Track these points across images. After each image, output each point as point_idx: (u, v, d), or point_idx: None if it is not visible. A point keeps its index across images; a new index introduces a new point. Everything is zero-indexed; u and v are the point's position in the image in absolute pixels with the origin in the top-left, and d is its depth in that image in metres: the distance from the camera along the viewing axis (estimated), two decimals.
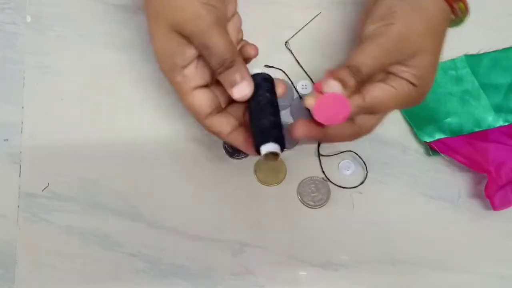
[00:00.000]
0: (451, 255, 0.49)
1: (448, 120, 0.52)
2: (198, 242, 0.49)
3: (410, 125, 0.52)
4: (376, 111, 0.42)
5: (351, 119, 0.42)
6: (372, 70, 0.40)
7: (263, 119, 0.41)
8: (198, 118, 0.42)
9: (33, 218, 0.49)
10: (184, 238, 0.49)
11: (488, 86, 0.52)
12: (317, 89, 0.40)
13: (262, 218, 0.50)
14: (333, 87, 0.39)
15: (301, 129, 0.41)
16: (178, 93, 0.42)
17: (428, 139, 0.51)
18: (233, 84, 0.40)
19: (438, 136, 0.51)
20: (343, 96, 0.39)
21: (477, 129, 0.51)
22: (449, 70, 0.53)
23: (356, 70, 0.39)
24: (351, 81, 0.39)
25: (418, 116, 0.52)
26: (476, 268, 0.49)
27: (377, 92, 0.41)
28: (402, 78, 0.41)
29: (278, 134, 0.41)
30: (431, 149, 0.50)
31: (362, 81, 0.40)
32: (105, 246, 0.49)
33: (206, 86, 0.42)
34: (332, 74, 0.39)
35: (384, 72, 0.42)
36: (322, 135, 0.42)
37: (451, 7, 0.43)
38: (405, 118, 0.52)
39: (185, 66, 0.41)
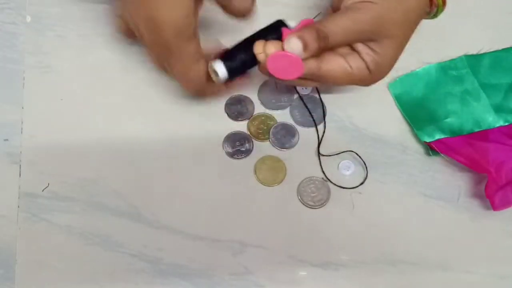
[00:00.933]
0: (451, 255, 0.49)
1: (448, 120, 0.52)
2: (198, 242, 0.49)
3: (410, 125, 0.52)
4: (324, 82, 0.43)
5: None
6: (340, 42, 0.41)
7: (238, 50, 0.44)
8: (202, 84, 0.44)
9: (33, 218, 0.49)
10: (184, 238, 0.49)
11: (488, 86, 0.52)
12: (283, 36, 0.42)
13: (262, 218, 0.50)
14: (294, 47, 0.40)
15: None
16: (181, 68, 0.42)
17: (428, 139, 0.51)
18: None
19: (438, 136, 0.51)
20: (299, 58, 0.40)
21: (477, 129, 0.51)
22: (449, 70, 0.53)
23: (324, 36, 0.40)
24: (314, 46, 0.40)
25: (418, 116, 0.52)
26: (476, 268, 0.49)
27: (334, 66, 0.42)
28: (363, 60, 0.42)
29: (234, 65, 0.43)
30: (431, 149, 0.51)
31: (325, 49, 0.41)
32: (105, 246, 0.49)
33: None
34: (300, 31, 0.40)
35: (348, 47, 0.43)
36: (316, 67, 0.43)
37: (431, 0, 0.43)
38: (405, 118, 0.52)
39: (193, 36, 0.41)
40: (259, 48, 0.42)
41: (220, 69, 0.43)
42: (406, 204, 0.50)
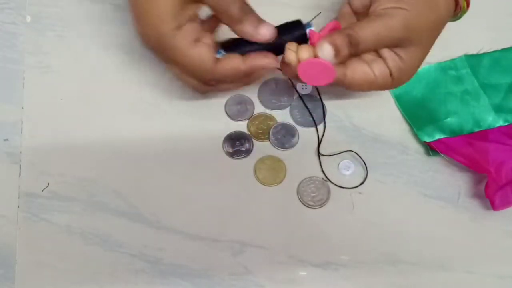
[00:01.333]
0: (451, 255, 0.49)
1: (448, 120, 0.52)
2: (198, 242, 0.49)
3: (410, 125, 0.52)
4: (347, 88, 0.43)
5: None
6: (370, 48, 0.40)
7: (245, 43, 0.43)
8: (206, 67, 0.42)
9: (33, 218, 0.49)
10: (184, 238, 0.49)
11: (488, 86, 0.53)
12: (311, 38, 0.41)
13: (262, 218, 0.50)
14: (326, 54, 0.40)
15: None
16: (178, 55, 0.41)
17: (428, 139, 0.51)
18: (257, 25, 0.41)
19: (438, 136, 0.51)
20: (332, 66, 0.40)
21: (477, 129, 0.51)
22: (449, 70, 0.53)
23: (355, 42, 0.39)
24: (345, 52, 0.39)
25: (418, 116, 0.52)
26: (476, 268, 0.49)
27: (359, 74, 0.41)
28: (387, 66, 0.41)
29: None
30: (431, 149, 0.51)
31: (355, 55, 0.41)
32: (105, 246, 0.49)
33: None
34: (332, 36, 0.40)
35: (373, 53, 0.42)
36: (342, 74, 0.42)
37: (456, 4, 0.43)
38: (405, 118, 0.52)
39: (180, 25, 0.41)
40: (292, 51, 0.41)
41: (219, 52, 0.43)
42: (406, 204, 0.50)
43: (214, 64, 0.42)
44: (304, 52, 0.40)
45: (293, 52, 0.41)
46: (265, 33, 0.41)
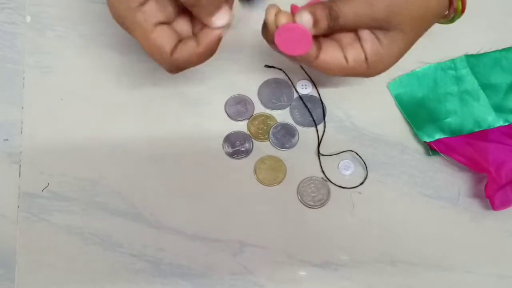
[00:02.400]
0: (451, 255, 0.49)
1: (448, 120, 0.52)
2: (198, 242, 0.49)
3: (410, 125, 0.52)
4: (318, 70, 0.42)
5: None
6: (349, 25, 0.39)
7: None
8: (163, 55, 0.40)
9: (33, 218, 0.49)
10: (184, 238, 0.49)
11: (488, 86, 0.52)
12: (292, 11, 0.40)
13: (262, 218, 0.50)
14: (305, 21, 0.39)
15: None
16: (139, 35, 0.40)
17: (428, 139, 0.51)
18: (212, 13, 0.39)
19: (438, 136, 0.51)
20: (309, 34, 0.39)
21: (477, 129, 0.51)
22: (449, 70, 0.53)
23: (335, 16, 0.39)
24: (324, 24, 0.39)
25: (418, 116, 0.52)
26: (476, 268, 0.49)
27: (330, 57, 0.41)
28: (363, 49, 0.40)
29: None
30: (431, 149, 0.51)
31: (333, 30, 0.40)
32: (105, 246, 0.49)
33: (166, 23, 0.41)
34: (312, 6, 0.39)
35: (351, 34, 0.41)
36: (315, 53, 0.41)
37: (450, 4, 0.42)
38: (405, 118, 0.52)
39: (144, 3, 0.39)
40: (271, 14, 0.40)
41: None
42: (406, 204, 0.50)
43: (171, 53, 0.40)
44: (283, 17, 0.40)
45: (273, 15, 0.40)
46: (219, 23, 0.40)
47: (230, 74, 0.54)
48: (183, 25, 0.42)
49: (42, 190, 0.50)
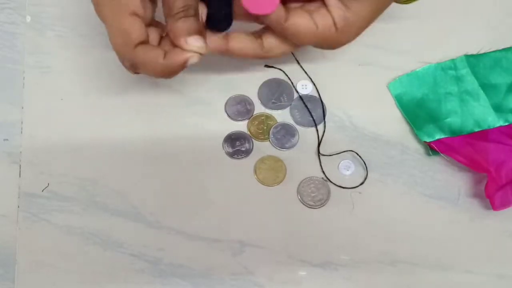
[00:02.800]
0: (451, 255, 0.49)
1: (448, 120, 0.52)
2: (198, 242, 0.49)
3: (410, 125, 0.52)
4: (288, 37, 0.41)
5: (259, 37, 0.42)
6: None
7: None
8: (127, 42, 0.40)
9: (33, 218, 0.49)
10: (184, 238, 0.49)
11: (488, 86, 0.52)
12: None
13: (262, 218, 0.50)
14: None
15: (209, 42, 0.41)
16: (112, 16, 0.39)
17: (428, 139, 0.51)
18: (188, 34, 0.39)
19: (438, 136, 0.51)
20: None
21: (477, 129, 0.51)
22: (449, 70, 0.53)
23: None
24: None
25: (418, 116, 0.52)
26: (476, 268, 0.49)
27: (300, 21, 0.40)
28: (330, 15, 0.40)
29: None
30: (431, 149, 0.51)
31: None
32: (105, 246, 0.49)
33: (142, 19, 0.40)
34: None
35: (319, 3, 0.41)
36: (224, 44, 0.42)
37: None
38: (405, 118, 0.52)
39: None
40: None
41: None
42: (406, 204, 0.50)
43: (135, 45, 0.40)
44: None
45: None
46: (193, 43, 0.40)
47: (230, 74, 0.54)
48: (153, 34, 0.42)
49: (42, 190, 0.50)
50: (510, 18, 0.56)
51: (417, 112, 0.52)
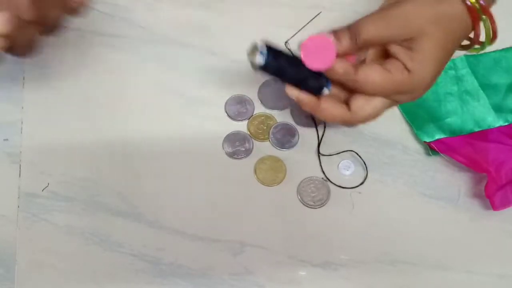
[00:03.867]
0: (451, 255, 0.49)
1: (448, 120, 0.52)
2: (198, 242, 0.49)
3: (410, 125, 0.52)
4: (363, 89, 0.41)
5: (346, 103, 0.43)
6: (370, 38, 0.40)
7: (287, 56, 0.42)
8: None
9: (33, 218, 0.49)
10: (184, 238, 0.49)
11: (488, 86, 0.53)
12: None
13: (262, 218, 0.50)
14: (326, 35, 0.40)
15: (295, 91, 0.42)
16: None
17: (428, 139, 0.51)
18: None
19: (438, 136, 0.51)
20: (331, 41, 0.40)
21: (477, 129, 0.51)
22: (449, 70, 0.53)
23: (354, 32, 0.40)
24: (346, 39, 0.40)
25: (418, 116, 0.52)
26: (476, 268, 0.49)
27: (370, 71, 0.41)
28: (398, 59, 0.41)
29: (275, 61, 0.41)
30: (431, 149, 0.51)
31: (358, 47, 0.40)
32: (105, 246, 0.49)
33: None
34: (330, 31, 0.40)
35: (383, 58, 0.42)
36: (314, 105, 0.42)
37: (474, 19, 0.42)
38: (405, 118, 0.52)
39: None
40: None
41: (263, 49, 0.40)
42: (406, 204, 0.50)
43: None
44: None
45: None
46: None
47: (230, 74, 0.54)
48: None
49: (42, 190, 0.50)
50: (510, 18, 0.55)
51: (417, 112, 0.52)
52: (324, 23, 0.54)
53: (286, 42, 0.54)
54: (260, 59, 0.40)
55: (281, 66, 0.41)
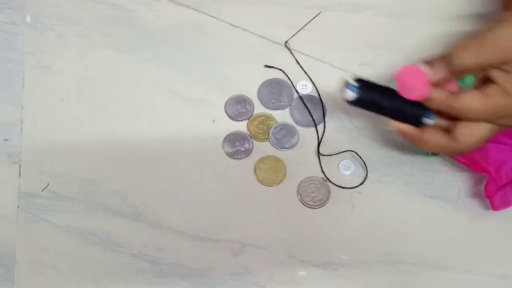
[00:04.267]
0: (451, 255, 0.49)
1: None
2: (198, 242, 0.49)
3: None
4: (467, 117, 0.41)
5: (448, 130, 0.42)
6: (466, 64, 0.39)
7: (381, 88, 0.43)
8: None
9: (33, 218, 0.49)
10: (184, 238, 0.49)
11: None
12: None
13: (262, 218, 0.50)
14: (419, 65, 0.40)
15: (396, 123, 0.43)
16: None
17: None
18: None
19: None
20: (423, 71, 0.40)
21: None
22: None
23: (449, 59, 0.40)
24: (440, 67, 0.40)
25: None
26: (476, 268, 0.49)
27: (468, 97, 0.40)
28: (498, 83, 0.40)
29: (367, 95, 0.42)
30: None
31: (453, 73, 0.40)
32: (105, 246, 0.49)
33: None
34: (425, 60, 0.41)
35: (482, 81, 0.41)
36: (417, 136, 0.43)
37: None
38: None
39: None
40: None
41: (352, 86, 0.41)
42: (406, 204, 0.50)
43: None
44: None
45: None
46: None
47: (230, 74, 0.54)
48: None
49: (42, 190, 0.50)
50: None
51: None
52: (324, 23, 0.55)
53: (286, 42, 0.54)
54: (350, 95, 0.41)
55: (374, 99, 0.42)
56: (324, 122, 0.52)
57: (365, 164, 0.51)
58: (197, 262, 0.49)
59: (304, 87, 0.53)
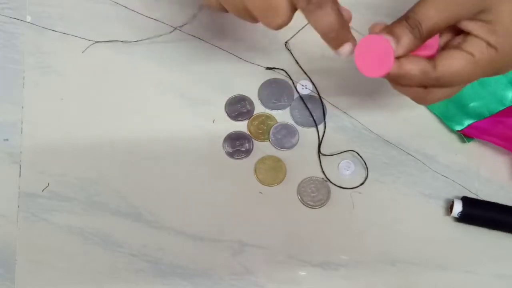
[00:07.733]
0: (451, 255, 0.49)
1: (472, 104, 0.51)
2: (198, 242, 0.49)
3: (438, 117, 0.52)
4: (448, 84, 0.36)
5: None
6: (436, 24, 0.34)
7: (489, 206, 0.49)
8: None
9: (33, 218, 0.49)
10: (184, 238, 0.49)
11: None
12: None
13: (262, 218, 0.50)
14: (381, 35, 0.34)
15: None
16: None
17: (459, 127, 0.51)
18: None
19: (467, 122, 0.51)
20: (388, 41, 0.34)
21: (501, 107, 0.51)
22: None
23: (415, 23, 0.34)
24: (407, 36, 0.34)
25: (445, 106, 0.51)
26: (476, 268, 0.49)
27: (452, 60, 0.35)
28: (478, 37, 0.34)
29: (472, 212, 0.49)
30: (465, 136, 0.50)
31: (422, 38, 0.34)
32: (105, 246, 0.49)
33: None
34: (385, 28, 0.35)
35: (454, 33, 0.36)
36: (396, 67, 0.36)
37: None
38: (432, 112, 0.52)
39: None
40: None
41: (458, 207, 0.48)
42: (406, 204, 0.50)
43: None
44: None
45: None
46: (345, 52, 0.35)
47: (230, 74, 0.54)
48: None
49: (42, 190, 0.50)
50: None
51: (443, 103, 0.49)
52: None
53: (286, 42, 0.54)
54: (456, 213, 0.47)
55: (479, 216, 0.48)
56: (325, 122, 0.52)
57: (365, 164, 0.51)
58: (197, 262, 0.49)
59: (304, 87, 0.53)
